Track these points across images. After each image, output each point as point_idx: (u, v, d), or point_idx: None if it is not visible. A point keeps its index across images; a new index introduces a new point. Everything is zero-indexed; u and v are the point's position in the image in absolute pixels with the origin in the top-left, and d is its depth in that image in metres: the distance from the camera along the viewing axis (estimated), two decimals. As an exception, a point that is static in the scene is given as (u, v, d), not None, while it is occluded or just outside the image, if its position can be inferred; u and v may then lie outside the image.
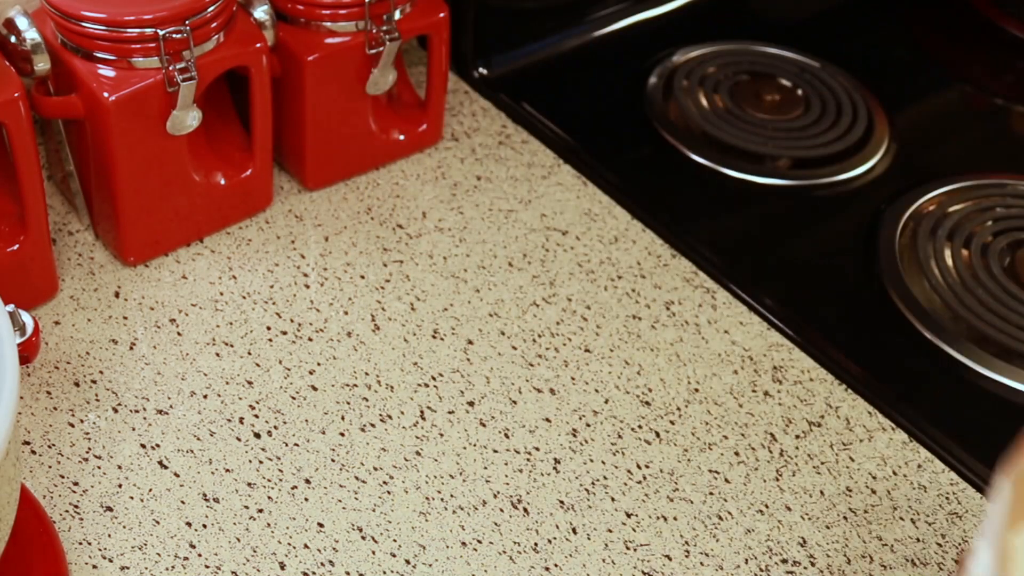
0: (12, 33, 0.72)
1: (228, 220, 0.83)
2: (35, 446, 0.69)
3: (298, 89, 0.82)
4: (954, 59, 1.12)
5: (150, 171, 0.77)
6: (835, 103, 1.00)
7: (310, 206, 0.86)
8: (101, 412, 0.72)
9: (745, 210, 0.92)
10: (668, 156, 0.95)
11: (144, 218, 0.78)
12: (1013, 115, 1.07)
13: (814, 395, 0.76)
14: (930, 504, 0.71)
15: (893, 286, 0.85)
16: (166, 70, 0.73)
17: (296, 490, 0.69)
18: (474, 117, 0.94)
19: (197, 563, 0.65)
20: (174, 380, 0.74)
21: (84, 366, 0.74)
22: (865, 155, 0.96)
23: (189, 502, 0.68)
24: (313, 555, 0.66)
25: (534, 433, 0.73)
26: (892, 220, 0.90)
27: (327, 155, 0.86)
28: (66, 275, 0.79)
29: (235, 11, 0.76)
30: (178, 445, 0.70)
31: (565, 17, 1.03)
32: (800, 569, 0.68)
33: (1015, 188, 0.94)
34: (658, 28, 1.07)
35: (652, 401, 0.74)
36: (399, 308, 0.78)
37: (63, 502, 0.67)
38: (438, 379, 0.75)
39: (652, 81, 1.01)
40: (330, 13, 0.80)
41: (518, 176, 0.90)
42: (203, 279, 0.80)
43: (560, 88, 0.99)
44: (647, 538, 0.68)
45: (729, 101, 0.99)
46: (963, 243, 0.88)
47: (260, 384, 0.74)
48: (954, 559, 0.69)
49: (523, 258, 0.83)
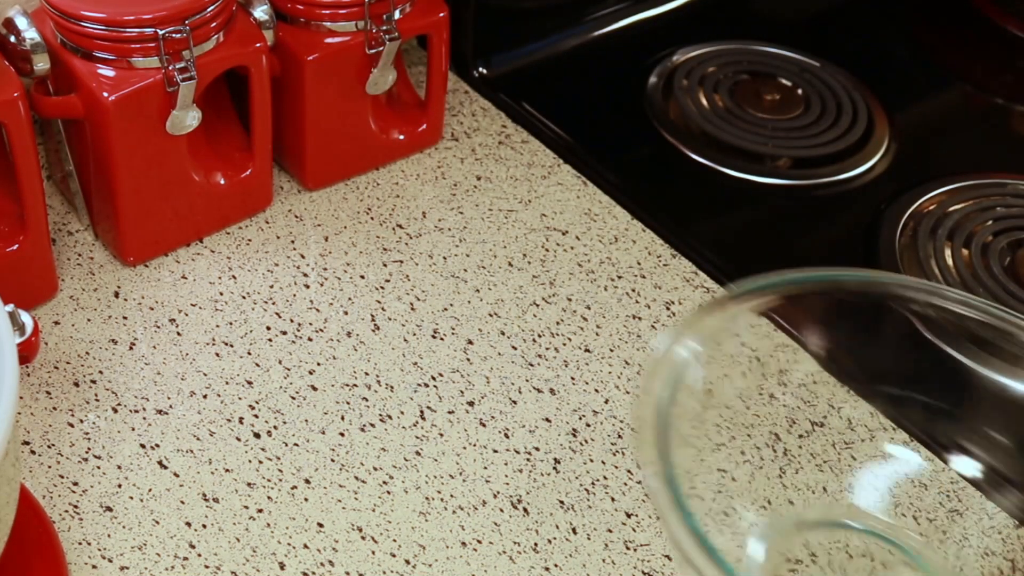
0: (12, 33, 0.72)
1: (228, 220, 0.83)
2: (35, 446, 0.69)
3: (298, 89, 0.82)
4: (954, 59, 1.12)
5: (150, 171, 0.77)
6: (835, 103, 1.00)
7: (310, 206, 0.86)
8: (101, 412, 0.72)
9: (745, 210, 0.92)
10: (668, 156, 0.95)
11: (144, 218, 0.78)
12: (1013, 115, 1.07)
13: (817, 396, 0.76)
14: (930, 502, 0.71)
15: (893, 286, 0.85)
16: (166, 70, 0.73)
17: (296, 490, 0.69)
18: (474, 117, 0.94)
19: (197, 563, 0.65)
20: (174, 380, 0.74)
21: (84, 366, 0.74)
22: (865, 155, 0.96)
23: (189, 502, 0.68)
24: (313, 555, 0.66)
25: (534, 433, 0.73)
26: (892, 220, 0.90)
27: (327, 155, 0.86)
28: (66, 275, 0.79)
29: (235, 11, 0.76)
30: (178, 445, 0.70)
31: (565, 17, 1.03)
32: (801, 567, 0.68)
33: (1015, 188, 0.94)
34: (658, 28, 1.07)
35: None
36: (399, 308, 0.78)
37: (63, 502, 0.67)
38: (438, 379, 0.75)
39: (652, 81, 1.01)
40: (330, 13, 0.80)
41: (518, 176, 0.90)
42: (203, 279, 0.80)
43: (560, 88, 0.99)
44: (647, 538, 0.68)
45: (729, 101, 0.99)
46: (963, 243, 0.88)
47: (260, 384, 0.74)
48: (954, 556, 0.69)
49: (523, 258, 0.83)
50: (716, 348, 0.63)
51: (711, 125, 0.97)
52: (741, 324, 0.64)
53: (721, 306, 0.62)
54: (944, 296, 0.65)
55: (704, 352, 0.61)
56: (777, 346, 0.67)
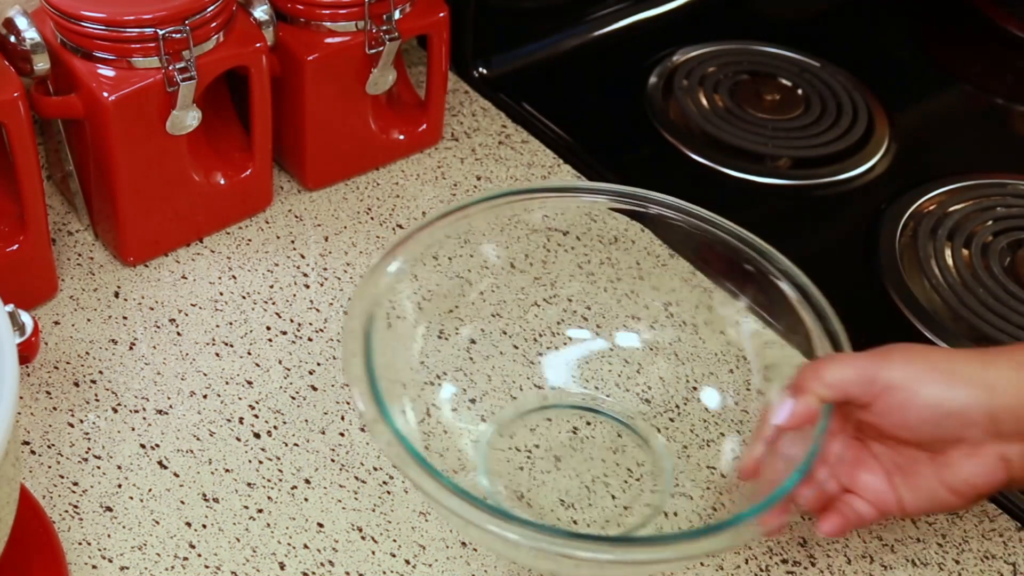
0: (12, 33, 0.72)
1: (228, 220, 0.83)
2: (35, 446, 0.69)
3: (298, 89, 0.82)
4: (954, 59, 1.12)
5: (150, 171, 0.77)
6: (835, 103, 1.00)
7: (310, 206, 0.86)
8: (101, 412, 0.72)
9: (745, 210, 0.92)
10: (668, 156, 0.95)
11: (144, 218, 0.78)
12: (1013, 115, 1.07)
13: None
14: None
15: (893, 286, 0.85)
16: (166, 70, 0.73)
17: (296, 490, 0.69)
18: (474, 117, 0.94)
19: (197, 563, 0.65)
20: (174, 380, 0.74)
21: (84, 366, 0.74)
22: (865, 155, 0.96)
23: (189, 502, 0.68)
24: (313, 555, 0.66)
25: (535, 431, 0.73)
26: (892, 220, 0.90)
27: (327, 155, 0.86)
28: (66, 275, 0.79)
29: (235, 11, 0.76)
30: (178, 445, 0.70)
31: (565, 17, 1.03)
32: (800, 569, 0.68)
33: (1015, 188, 0.94)
34: (658, 28, 1.07)
35: (652, 399, 0.74)
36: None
37: (63, 502, 0.67)
38: (441, 378, 0.75)
39: (652, 81, 1.01)
40: (330, 13, 0.80)
41: (518, 176, 0.90)
42: (203, 279, 0.80)
43: (560, 88, 0.99)
44: (647, 538, 0.68)
45: (729, 101, 0.99)
46: (963, 243, 0.88)
47: (260, 384, 0.74)
48: (954, 559, 0.69)
49: (524, 259, 0.83)
50: (420, 265, 0.69)
51: (711, 125, 0.97)
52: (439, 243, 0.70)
53: (421, 229, 0.68)
54: None
55: (408, 269, 0.67)
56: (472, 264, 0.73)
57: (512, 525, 0.56)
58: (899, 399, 0.59)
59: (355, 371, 0.61)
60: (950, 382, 0.59)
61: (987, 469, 0.60)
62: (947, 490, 0.61)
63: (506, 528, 0.56)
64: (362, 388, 0.60)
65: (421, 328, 0.71)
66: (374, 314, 0.64)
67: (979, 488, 0.61)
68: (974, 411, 0.59)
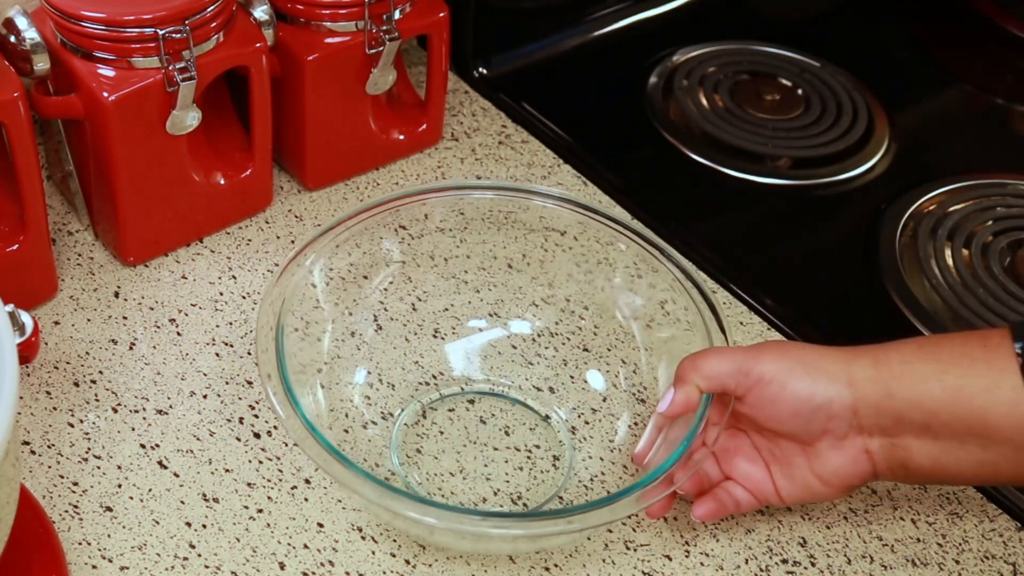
0: (12, 33, 0.72)
1: (228, 220, 0.83)
2: (35, 446, 0.69)
3: (298, 89, 0.82)
4: (954, 59, 1.12)
5: (150, 171, 0.77)
6: (835, 103, 1.00)
7: (310, 206, 0.86)
8: (101, 412, 0.72)
9: (745, 210, 0.92)
10: (668, 156, 0.95)
11: (144, 218, 0.78)
12: (1013, 115, 1.07)
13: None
14: (930, 504, 0.71)
15: (893, 286, 0.85)
16: (166, 70, 0.73)
17: (296, 490, 0.69)
18: (474, 117, 0.94)
19: (197, 563, 0.65)
20: (174, 380, 0.74)
21: (84, 366, 0.74)
22: (865, 155, 0.96)
23: (189, 502, 0.68)
24: (313, 555, 0.66)
25: (534, 431, 0.73)
26: (892, 220, 0.90)
27: (327, 155, 0.86)
28: (66, 275, 0.79)
29: (235, 11, 0.76)
30: (178, 445, 0.70)
31: (565, 17, 1.04)
32: (800, 569, 0.68)
33: (1015, 188, 0.94)
34: (658, 28, 1.07)
35: (647, 399, 0.74)
36: (400, 308, 0.78)
37: (63, 502, 0.67)
38: (439, 378, 0.75)
39: (652, 81, 1.01)
40: (330, 13, 0.80)
41: (518, 176, 0.90)
42: (203, 279, 0.80)
43: (560, 88, 0.99)
44: (647, 538, 0.68)
45: (729, 101, 0.99)
46: (963, 243, 0.88)
47: (260, 384, 0.74)
48: (955, 559, 0.69)
49: (522, 259, 0.83)
50: (329, 260, 0.72)
51: (711, 125, 0.97)
52: (347, 239, 0.73)
53: (331, 228, 0.72)
54: None
55: (320, 264, 0.72)
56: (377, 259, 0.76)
57: (429, 508, 0.61)
58: (769, 392, 0.62)
59: (267, 367, 0.64)
60: (816, 377, 0.62)
61: (851, 461, 0.63)
62: (819, 480, 0.64)
63: (423, 512, 0.60)
64: (275, 383, 0.64)
65: (329, 324, 0.74)
66: (285, 309, 0.68)
67: (846, 479, 0.64)
68: (837, 405, 0.62)
